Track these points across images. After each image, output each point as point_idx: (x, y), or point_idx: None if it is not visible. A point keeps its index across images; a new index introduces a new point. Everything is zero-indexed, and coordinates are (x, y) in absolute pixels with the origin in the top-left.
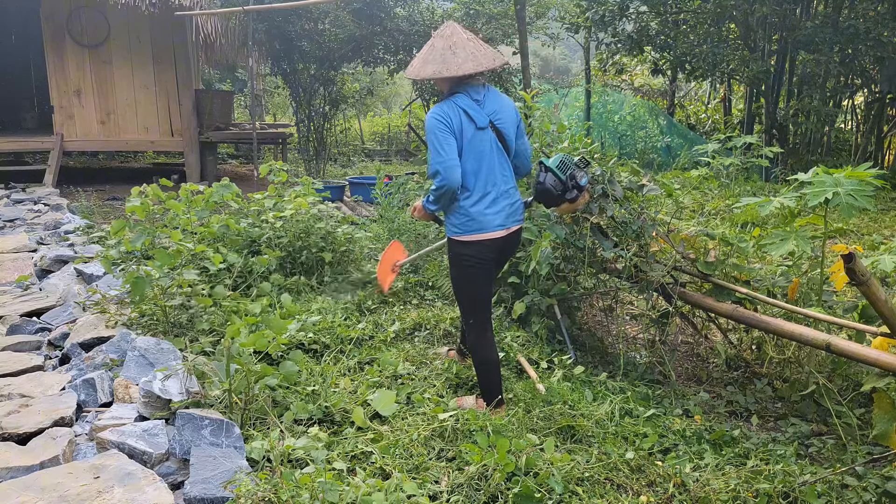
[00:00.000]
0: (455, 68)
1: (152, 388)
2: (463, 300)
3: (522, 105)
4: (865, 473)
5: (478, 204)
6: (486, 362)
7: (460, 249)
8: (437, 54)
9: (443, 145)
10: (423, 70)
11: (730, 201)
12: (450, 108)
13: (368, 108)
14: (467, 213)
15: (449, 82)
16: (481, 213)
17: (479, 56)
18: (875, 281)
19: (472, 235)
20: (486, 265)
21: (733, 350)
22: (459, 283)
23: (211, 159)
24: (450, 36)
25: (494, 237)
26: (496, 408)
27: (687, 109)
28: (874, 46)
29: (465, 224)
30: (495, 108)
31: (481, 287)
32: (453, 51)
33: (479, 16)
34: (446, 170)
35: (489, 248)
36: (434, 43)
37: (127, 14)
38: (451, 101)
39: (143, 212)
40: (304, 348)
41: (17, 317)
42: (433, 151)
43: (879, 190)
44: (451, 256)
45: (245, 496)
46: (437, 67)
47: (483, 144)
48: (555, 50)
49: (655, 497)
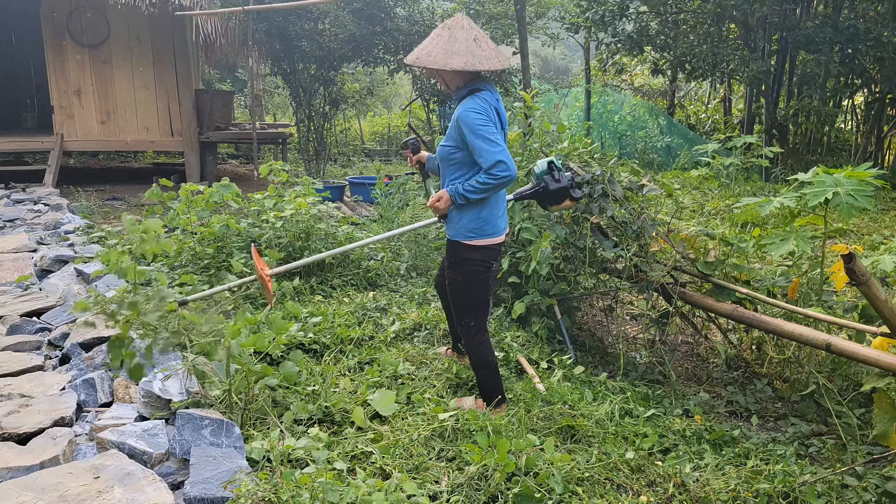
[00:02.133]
0: (486, 62)
1: (152, 388)
2: (466, 305)
3: (522, 105)
4: (865, 473)
5: (498, 207)
6: (486, 365)
7: (469, 254)
8: (462, 46)
9: (495, 136)
10: (451, 61)
11: (730, 201)
12: (484, 104)
13: (368, 108)
14: (486, 216)
15: (464, 77)
16: (496, 216)
17: (500, 53)
18: (875, 281)
19: (485, 240)
20: (490, 266)
21: (733, 350)
22: (465, 288)
23: (211, 159)
24: (470, 28)
25: (502, 241)
26: (496, 407)
27: (687, 109)
28: (874, 46)
29: (481, 228)
30: (501, 108)
31: (485, 291)
32: (478, 44)
33: (479, 16)
34: (509, 158)
35: (496, 251)
36: (454, 35)
37: (127, 14)
38: (480, 97)
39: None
40: (304, 348)
41: (17, 317)
42: (486, 143)
43: (879, 190)
44: (457, 261)
45: (245, 496)
46: (467, 59)
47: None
48: (555, 50)
49: (655, 497)
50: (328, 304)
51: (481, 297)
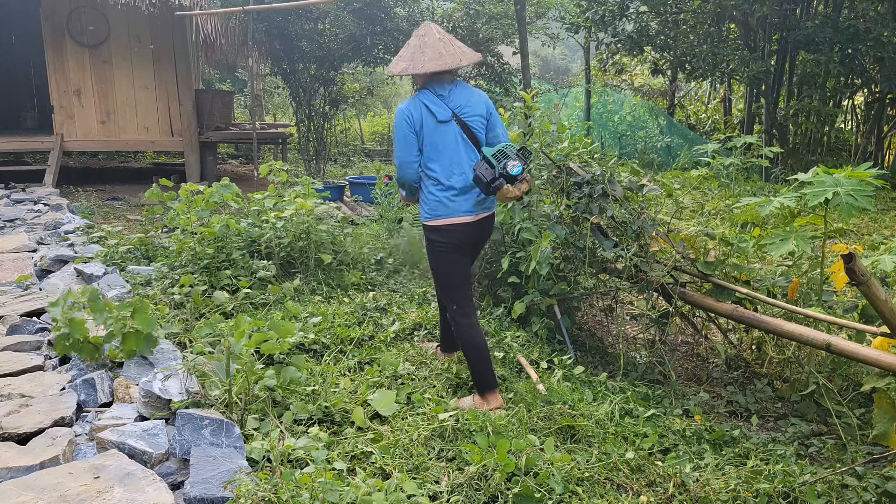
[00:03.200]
0: (420, 66)
1: (152, 388)
2: (439, 284)
3: (522, 105)
4: (865, 473)
5: (445, 191)
6: (475, 347)
7: (431, 235)
8: (409, 52)
9: (402, 141)
10: (395, 67)
11: (730, 201)
12: (412, 104)
13: (368, 108)
14: (437, 198)
15: (422, 78)
16: (449, 199)
17: (444, 55)
18: (875, 281)
19: (441, 220)
20: (457, 249)
21: (733, 350)
22: (435, 267)
23: (211, 159)
24: (423, 35)
25: (463, 222)
26: (490, 392)
27: (687, 109)
28: (874, 46)
29: (434, 209)
30: (461, 102)
31: (456, 270)
32: (422, 50)
33: (479, 16)
34: (401, 165)
35: (459, 233)
36: (410, 42)
37: (127, 14)
38: (416, 97)
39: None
40: (305, 348)
41: (17, 317)
42: (395, 147)
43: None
44: (426, 243)
45: (245, 496)
46: (406, 65)
47: (446, 136)
48: (555, 50)
49: (655, 497)
50: (328, 304)
51: (454, 277)
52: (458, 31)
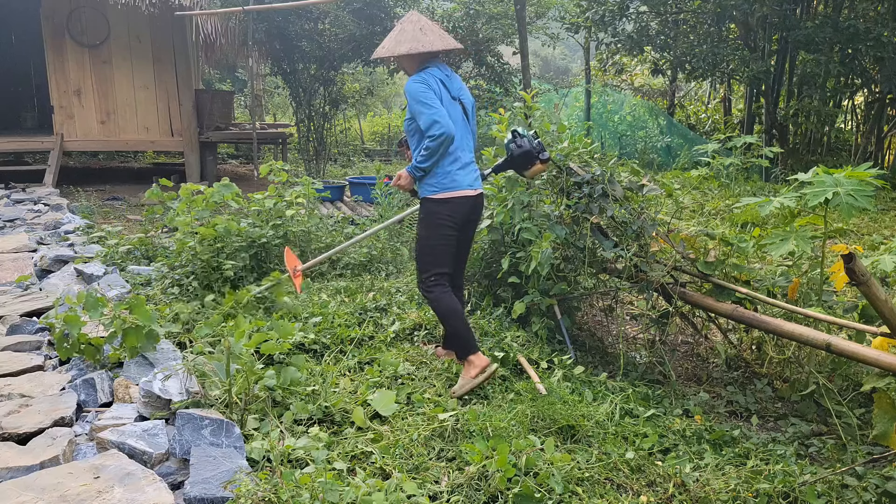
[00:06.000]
0: (428, 45)
1: (152, 388)
2: (426, 255)
3: (522, 105)
4: (865, 473)
5: (453, 164)
6: (451, 311)
7: (435, 207)
8: (409, 35)
9: (433, 101)
10: (398, 48)
11: (730, 201)
12: (428, 76)
13: (368, 108)
14: (445, 172)
15: (418, 60)
16: (455, 172)
17: (445, 37)
18: (875, 281)
19: (447, 193)
20: (456, 223)
21: (733, 350)
22: (427, 238)
23: (211, 159)
24: (417, 21)
25: (467, 195)
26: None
27: (687, 109)
28: (874, 46)
29: (441, 182)
30: (459, 86)
31: (447, 243)
32: (423, 32)
33: (479, 16)
34: (443, 117)
35: (462, 205)
36: (403, 27)
37: (127, 14)
38: (426, 72)
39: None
40: (305, 348)
41: (17, 317)
42: (424, 107)
43: (879, 190)
44: (425, 216)
45: (245, 496)
46: (412, 45)
47: (456, 112)
48: (555, 50)
49: (655, 497)
50: (328, 304)
51: (443, 248)
52: (458, 31)
